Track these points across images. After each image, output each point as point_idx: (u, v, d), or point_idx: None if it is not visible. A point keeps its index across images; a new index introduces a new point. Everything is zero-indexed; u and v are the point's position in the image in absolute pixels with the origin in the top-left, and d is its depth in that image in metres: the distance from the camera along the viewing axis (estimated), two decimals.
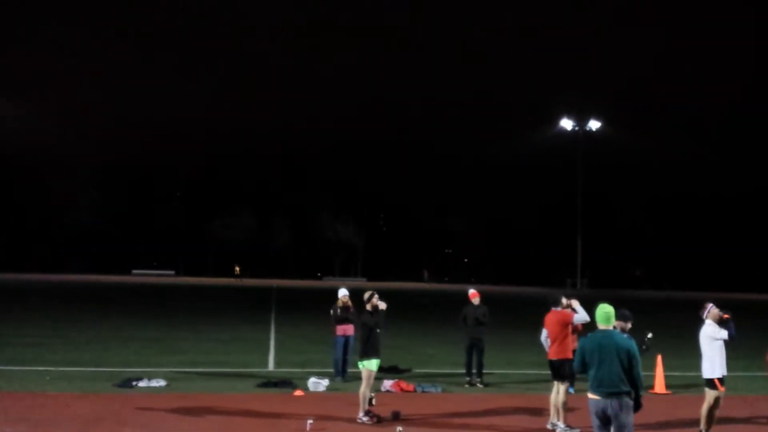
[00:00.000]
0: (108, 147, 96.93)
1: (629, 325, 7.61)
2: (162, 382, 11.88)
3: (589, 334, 6.87)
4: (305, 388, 11.78)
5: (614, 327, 7.48)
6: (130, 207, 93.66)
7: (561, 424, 9.30)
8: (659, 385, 12.66)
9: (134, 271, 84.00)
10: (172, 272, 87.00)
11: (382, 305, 10.06)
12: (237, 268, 71.35)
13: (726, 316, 8.96)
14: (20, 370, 13.07)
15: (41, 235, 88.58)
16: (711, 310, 9.12)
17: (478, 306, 12.99)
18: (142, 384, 11.71)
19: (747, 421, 10.24)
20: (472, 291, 13.31)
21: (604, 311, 6.86)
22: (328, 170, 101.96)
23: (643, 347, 8.36)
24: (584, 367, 6.85)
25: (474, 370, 12.86)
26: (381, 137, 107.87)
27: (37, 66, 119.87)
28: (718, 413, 9.04)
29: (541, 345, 11.34)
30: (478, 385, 12.71)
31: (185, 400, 10.63)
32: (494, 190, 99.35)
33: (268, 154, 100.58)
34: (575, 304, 9.83)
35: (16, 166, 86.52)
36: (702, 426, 9.06)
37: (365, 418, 9.52)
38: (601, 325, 6.83)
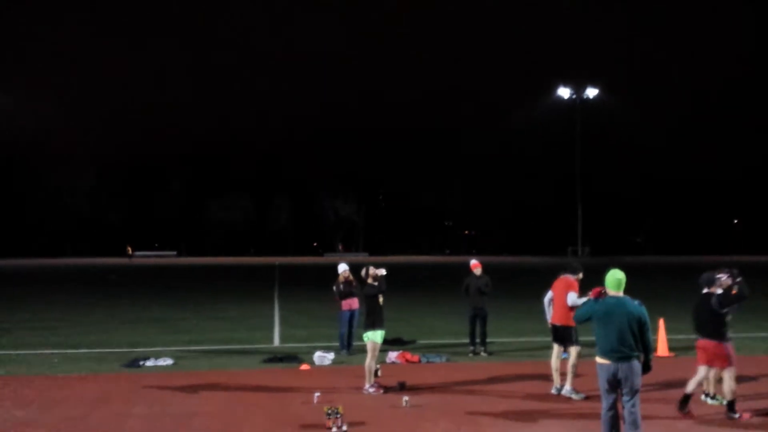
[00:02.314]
0: (107, 133, 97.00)
1: (725, 280, 8.35)
2: (169, 361, 11.96)
3: (601, 300, 6.88)
4: (311, 362, 11.87)
5: (712, 289, 8.30)
6: (130, 191, 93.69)
7: (568, 387, 9.37)
8: (662, 348, 12.76)
9: (136, 253, 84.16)
10: (174, 253, 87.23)
11: (382, 271, 10.11)
12: (129, 248, 71.76)
13: (734, 292, 8.82)
14: (28, 353, 13.15)
15: (42, 221, 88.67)
16: (723, 280, 8.98)
17: (480, 276, 13.06)
18: (149, 363, 11.79)
19: (753, 379, 10.33)
20: (473, 262, 13.37)
21: (616, 277, 6.84)
22: (327, 150, 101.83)
23: (733, 293, 8.49)
24: (585, 321, 7.04)
25: (477, 340, 12.96)
26: (377, 115, 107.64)
27: (35, 56, 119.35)
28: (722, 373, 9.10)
29: (542, 311, 11.38)
30: (482, 354, 12.81)
31: (193, 377, 10.71)
32: (493, 161, 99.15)
33: (268, 135, 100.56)
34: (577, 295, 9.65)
35: (16, 155, 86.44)
36: (705, 387, 9.14)
37: (372, 390, 9.61)
38: (611, 291, 6.83)
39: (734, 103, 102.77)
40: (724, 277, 8.73)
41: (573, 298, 9.49)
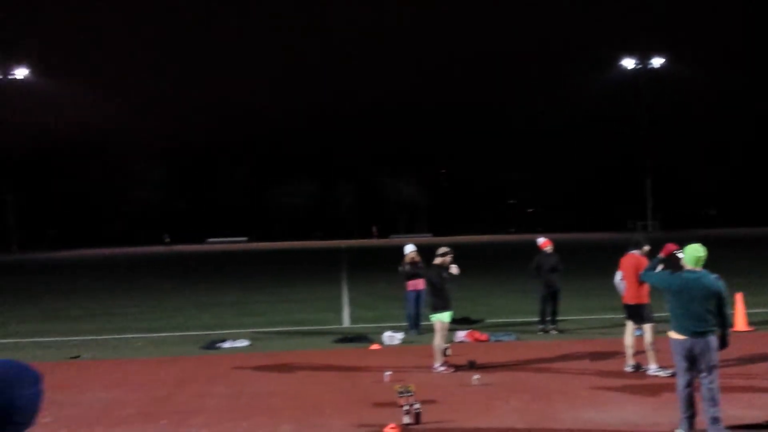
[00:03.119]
0: (176, 123, 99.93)
1: None
2: (245, 342, 12.38)
3: (677, 274, 6.76)
4: (381, 342, 12.06)
5: None
6: (200, 179, 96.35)
7: (653, 366, 9.23)
8: (741, 323, 12.41)
9: (209, 240, 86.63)
10: (245, 239, 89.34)
11: (455, 270, 10.05)
12: (167, 237, 72.18)
13: None
14: (111, 338, 13.79)
15: (117, 210, 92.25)
16: None
17: (550, 254, 13.00)
18: (226, 345, 12.22)
19: None
20: (543, 240, 13.28)
21: (696, 254, 6.69)
22: (388, 131, 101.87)
23: None
24: (654, 284, 7.16)
25: (548, 318, 12.90)
26: (438, 92, 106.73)
27: (104, 50, 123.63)
28: None
29: (613, 288, 11.23)
30: (553, 332, 12.74)
31: (268, 357, 11.05)
32: (556, 136, 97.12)
33: (329, 119, 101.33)
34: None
35: (90, 148, 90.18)
36: None
37: (441, 368, 9.70)
38: (689, 266, 6.71)
39: None
40: None
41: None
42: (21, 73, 74.79)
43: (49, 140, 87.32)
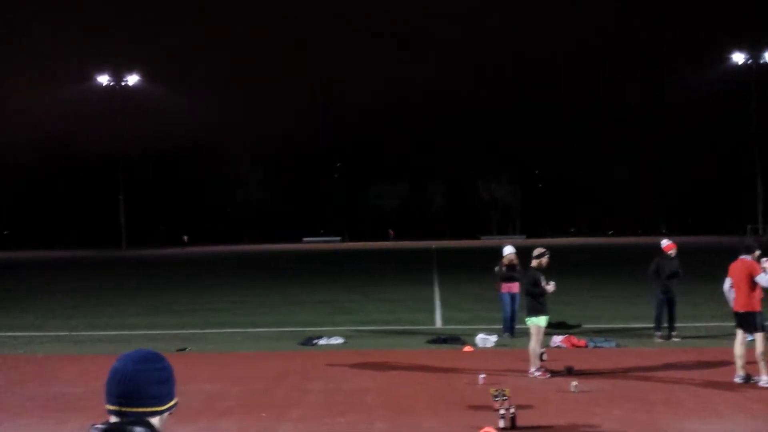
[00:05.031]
0: (272, 127, 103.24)
1: None
2: (340, 340, 12.62)
3: None
4: (474, 344, 11.97)
5: None
6: (296, 180, 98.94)
7: (765, 377, 8.71)
8: None
9: (304, 239, 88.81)
10: (338, 238, 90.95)
11: (551, 288, 9.79)
12: (184, 237, 71.55)
13: None
14: (213, 332, 14.35)
15: (220, 210, 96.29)
16: None
17: (673, 258, 12.55)
18: (322, 342, 12.50)
19: None
20: (667, 242, 12.82)
21: None
22: (479, 131, 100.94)
23: None
24: None
25: (664, 324, 12.44)
26: (532, 90, 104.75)
27: (210, 56, 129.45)
28: None
29: (722, 295, 10.67)
30: (675, 339, 12.25)
31: (362, 356, 11.19)
32: (658, 135, 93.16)
33: (422, 119, 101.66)
34: (767, 264, 9.07)
35: (196, 151, 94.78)
36: None
37: (537, 373, 9.52)
38: None
39: None
40: None
41: (761, 278, 8.79)
42: (132, 79, 79.18)
43: (159, 143, 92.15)
